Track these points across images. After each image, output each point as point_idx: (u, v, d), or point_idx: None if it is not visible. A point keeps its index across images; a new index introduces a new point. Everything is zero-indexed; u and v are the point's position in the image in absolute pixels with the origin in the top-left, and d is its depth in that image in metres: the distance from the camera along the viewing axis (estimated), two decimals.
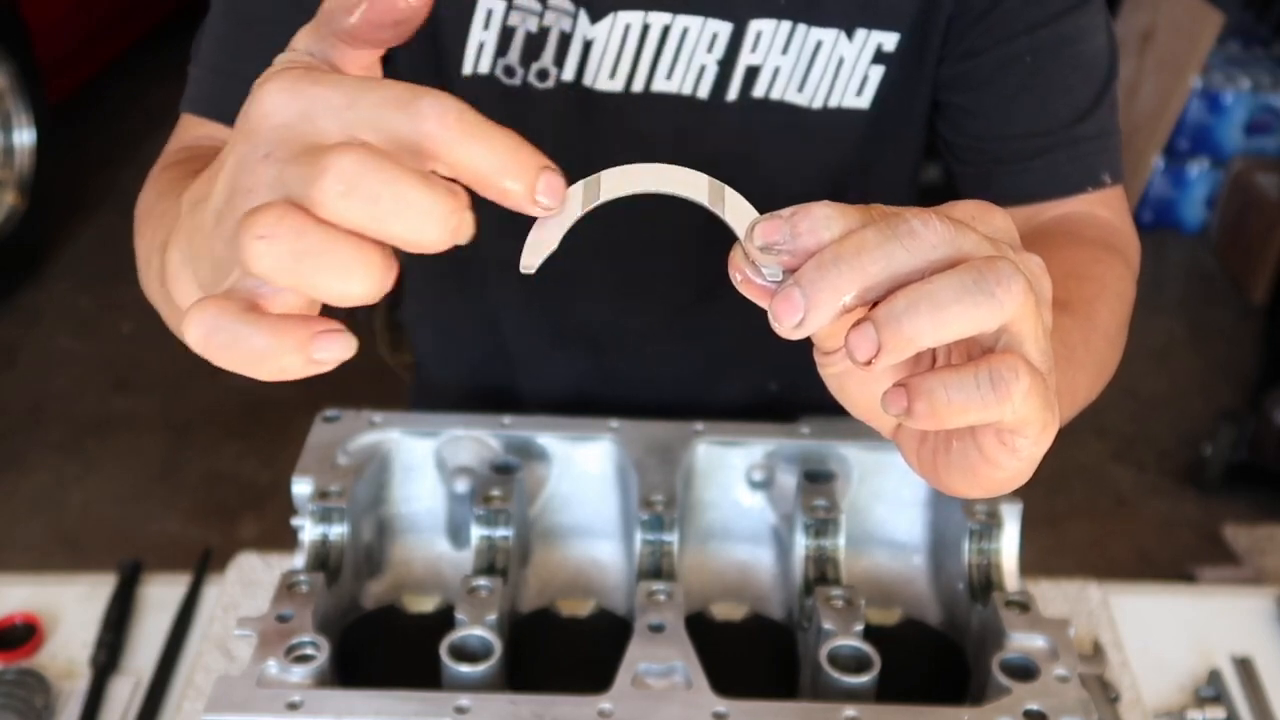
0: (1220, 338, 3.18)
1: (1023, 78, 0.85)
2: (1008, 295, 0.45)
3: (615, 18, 0.83)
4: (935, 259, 0.46)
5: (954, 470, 0.52)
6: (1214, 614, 0.99)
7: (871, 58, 0.86)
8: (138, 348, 2.98)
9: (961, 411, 0.46)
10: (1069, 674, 0.68)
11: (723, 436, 0.85)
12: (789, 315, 0.46)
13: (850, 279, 0.45)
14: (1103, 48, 0.87)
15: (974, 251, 0.46)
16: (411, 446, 0.85)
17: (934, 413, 0.46)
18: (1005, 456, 0.49)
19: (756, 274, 0.48)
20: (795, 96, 0.87)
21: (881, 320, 0.45)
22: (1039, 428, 0.48)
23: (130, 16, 3.90)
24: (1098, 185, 0.87)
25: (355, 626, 0.80)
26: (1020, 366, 0.46)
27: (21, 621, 0.93)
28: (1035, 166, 0.87)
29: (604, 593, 0.84)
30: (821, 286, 0.45)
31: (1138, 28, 3.51)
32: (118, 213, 3.45)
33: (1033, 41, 0.84)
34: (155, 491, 2.56)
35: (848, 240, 0.46)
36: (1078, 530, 2.53)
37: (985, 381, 0.46)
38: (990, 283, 0.45)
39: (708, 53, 0.85)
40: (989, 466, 0.50)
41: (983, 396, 0.45)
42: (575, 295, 0.98)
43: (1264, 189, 3.33)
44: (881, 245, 0.46)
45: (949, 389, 0.46)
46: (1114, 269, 0.83)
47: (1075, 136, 0.86)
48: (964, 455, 0.51)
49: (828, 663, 0.70)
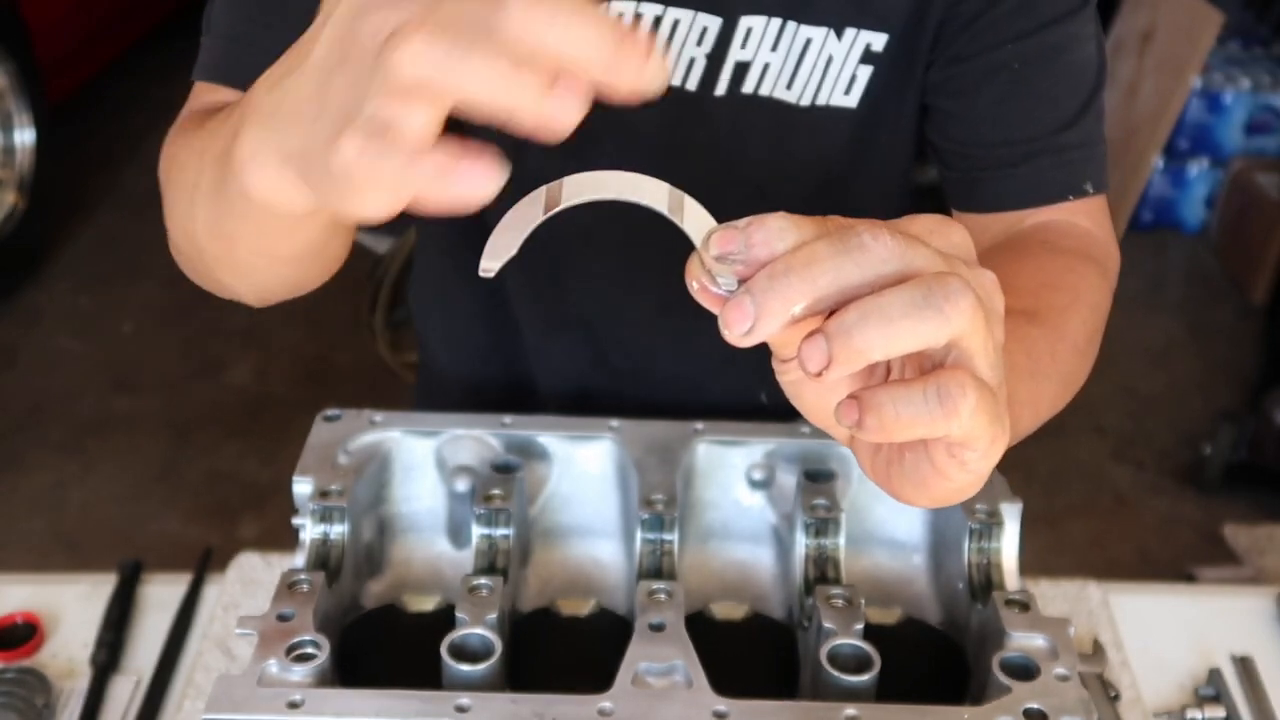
0: (1220, 338, 3.18)
1: (1009, 85, 0.85)
2: (955, 311, 0.46)
3: (608, 7, 0.83)
4: (885, 273, 0.47)
5: (906, 480, 0.52)
6: (1214, 613, 0.99)
7: (860, 57, 0.86)
8: (138, 348, 2.98)
9: (909, 426, 0.47)
10: (1069, 673, 0.68)
11: (723, 436, 0.85)
12: (739, 323, 0.47)
13: (800, 290, 0.46)
14: (1091, 58, 0.87)
15: (924, 267, 0.47)
16: (412, 446, 0.85)
17: (883, 427, 0.47)
18: (955, 469, 0.50)
19: (712, 283, 0.49)
20: (784, 93, 0.87)
21: (832, 332, 0.46)
22: (987, 442, 0.49)
23: (130, 16, 3.90)
24: (1080, 194, 0.87)
25: (355, 626, 0.80)
26: (968, 382, 0.47)
27: (22, 621, 0.93)
28: (1018, 174, 0.87)
29: (604, 592, 0.84)
30: (771, 296, 0.46)
31: (1138, 28, 3.51)
32: (118, 213, 3.46)
33: (1020, 49, 0.84)
34: (155, 491, 2.56)
35: (799, 252, 0.47)
36: (1077, 529, 2.53)
37: (933, 397, 0.47)
38: (939, 298, 0.46)
39: (697, 46, 0.85)
40: (939, 478, 0.51)
41: (930, 412, 0.47)
42: (571, 281, 0.98)
43: (1264, 189, 3.33)
44: (832, 258, 0.47)
45: (897, 404, 0.47)
46: (1088, 279, 0.83)
47: (1059, 145, 0.86)
48: (915, 466, 0.51)
49: (828, 662, 0.70)
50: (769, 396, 1.04)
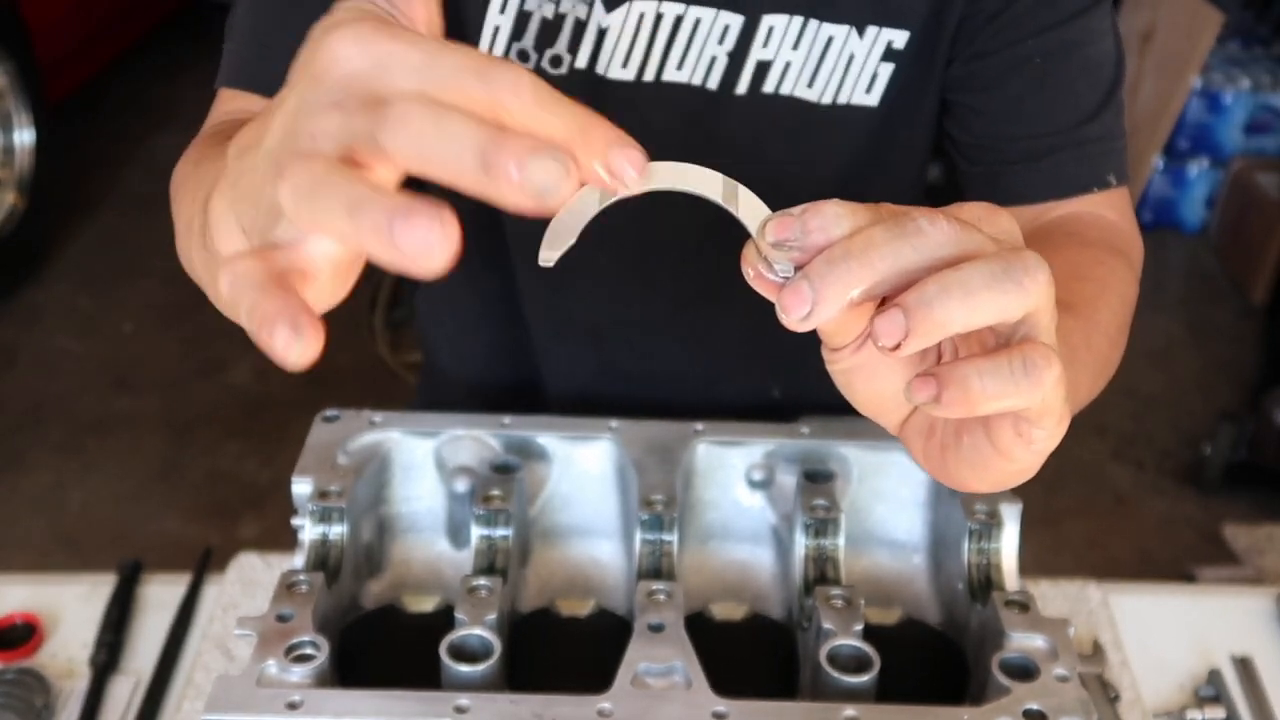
0: (1220, 338, 3.18)
1: (1031, 80, 0.86)
2: (1034, 284, 0.47)
3: (630, 6, 0.83)
4: (941, 257, 0.47)
5: (964, 464, 0.53)
6: (1214, 614, 0.99)
7: (881, 55, 0.86)
8: (138, 348, 2.98)
9: (995, 398, 0.47)
10: (1069, 674, 0.68)
11: (723, 436, 0.85)
12: (797, 308, 0.47)
13: (859, 275, 0.47)
14: (1110, 51, 0.88)
15: (979, 250, 0.48)
16: (411, 446, 0.85)
17: (968, 399, 0.47)
18: (1019, 448, 0.50)
19: (769, 270, 0.49)
20: (805, 92, 0.87)
21: (911, 305, 0.47)
22: (1056, 419, 0.50)
23: (130, 16, 3.90)
24: (1103, 186, 0.88)
25: (355, 626, 0.80)
26: (1051, 355, 0.48)
27: (21, 621, 0.93)
28: (1041, 167, 0.87)
29: (604, 592, 0.84)
30: (830, 281, 0.47)
31: (1138, 28, 3.51)
32: (118, 213, 3.46)
33: (1041, 44, 0.85)
34: (155, 491, 2.56)
35: (857, 237, 0.47)
36: (1077, 530, 2.53)
37: (1019, 368, 0.47)
38: (1018, 271, 0.47)
39: (719, 44, 0.85)
40: (1001, 459, 0.51)
41: (1016, 383, 0.47)
42: (579, 283, 0.98)
43: (1264, 189, 3.33)
44: (890, 243, 0.47)
45: (983, 376, 0.47)
46: (1116, 270, 0.83)
47: (1081, 138, 0.87)
48: (975, 448, 0.52)
49: (827, 662, 0.70)
50: (781, 391, 1.04)
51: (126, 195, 3.52)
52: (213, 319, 0.60)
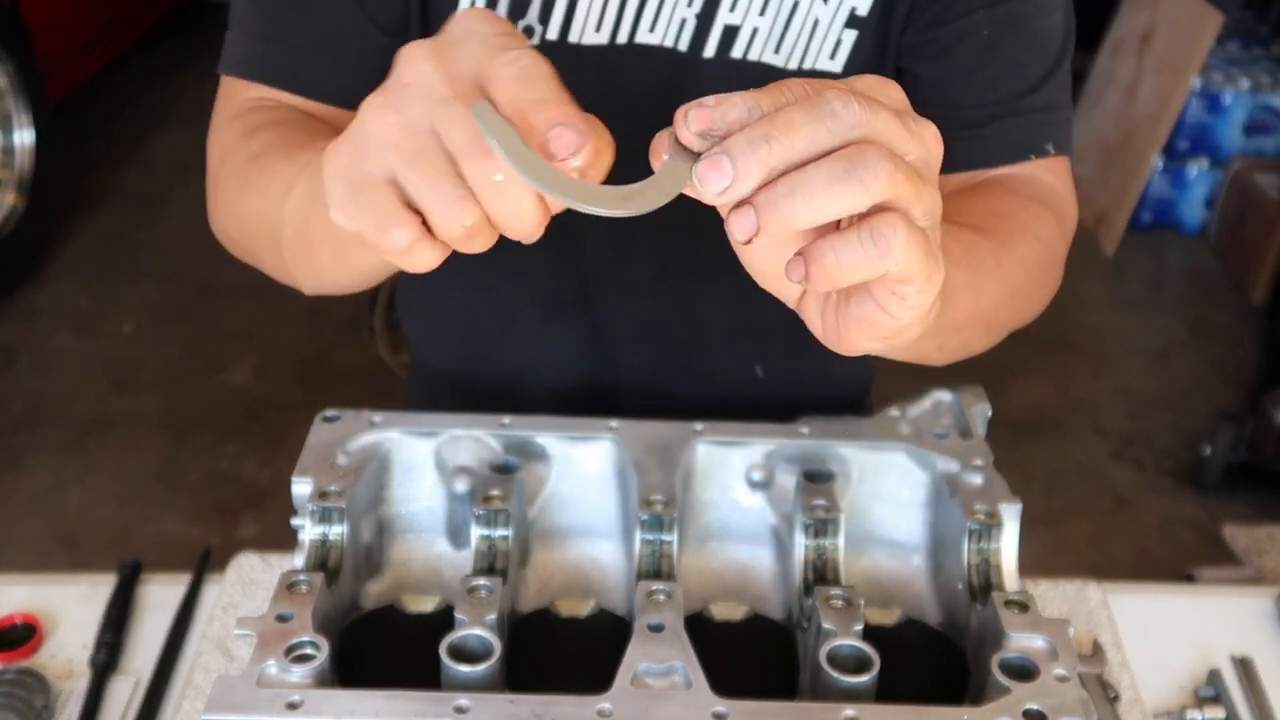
0: (1220, 338, 3.18)
1: (979, 51, 0.88)
2: (874, 180, 0.51)
3: None
4: (852, 138, 0.52)
5: (853, 325, 0.57)
6: (1214, 614, 0.99)
7: (845, 21, 0.88)
8: (138, 348, 2.98)
9: (851, 269, 0.53)
10: (1068, 674, 0.68)
11: (722, 436, 0.85)
12: (717, 181, 0.52)
13: (778, 154, 0.51)
14: (1058, 26, 0.90)
15: (885, 131, 0.52)
16: (411, 446, 0.85)
17: (826, 273, 0.53)
18: (896, 305, 0.55)
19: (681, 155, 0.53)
20: (772, 57, 0.89)
21: (761, 204, 0.52)
22: (924, 277, 0.54)
23: (130, 16, 3.90)
24: (1041, 154, 0.90)
25: (355, 626, 0.80)
26: (898, 222, 0.52)
27: (21, 621, 0.93)
28: (985, 134, 0.90)
29: (603, 593, 0.84)
30: (751, 160, 0.51)
31: (1138, 28, 3.51)
32: (118, 213, 3.46)
33: (991, 16, 0.87)
34: (155, 491, 2.56)
35: (777, 119, 0.52)
36: (1077, 530, 2.53)
37: (868, 238, 0.52)
38: (859, 170, 0.51)
39: (687, 7, 0.87)
40: (884, 315, 0.56)
41: (866, 252, 0.52)
42: (566, 252, 0.99)
43: (1264, 189, 3.33)
44: (808, 124, 0.52)
45: (837, 250, 0.53)
46: (1041, 218, 0.87)
47: (1023, 108, 0.89)
48: (860, 308, 0.57)
49: (827, 663, 0.70)
50: (764, 371, 1.05)
51: (126, 195, 3.52)
52: (213, 319, 0.60)
